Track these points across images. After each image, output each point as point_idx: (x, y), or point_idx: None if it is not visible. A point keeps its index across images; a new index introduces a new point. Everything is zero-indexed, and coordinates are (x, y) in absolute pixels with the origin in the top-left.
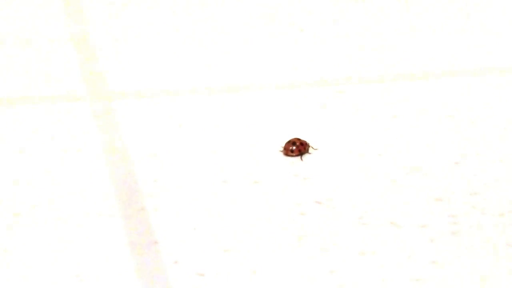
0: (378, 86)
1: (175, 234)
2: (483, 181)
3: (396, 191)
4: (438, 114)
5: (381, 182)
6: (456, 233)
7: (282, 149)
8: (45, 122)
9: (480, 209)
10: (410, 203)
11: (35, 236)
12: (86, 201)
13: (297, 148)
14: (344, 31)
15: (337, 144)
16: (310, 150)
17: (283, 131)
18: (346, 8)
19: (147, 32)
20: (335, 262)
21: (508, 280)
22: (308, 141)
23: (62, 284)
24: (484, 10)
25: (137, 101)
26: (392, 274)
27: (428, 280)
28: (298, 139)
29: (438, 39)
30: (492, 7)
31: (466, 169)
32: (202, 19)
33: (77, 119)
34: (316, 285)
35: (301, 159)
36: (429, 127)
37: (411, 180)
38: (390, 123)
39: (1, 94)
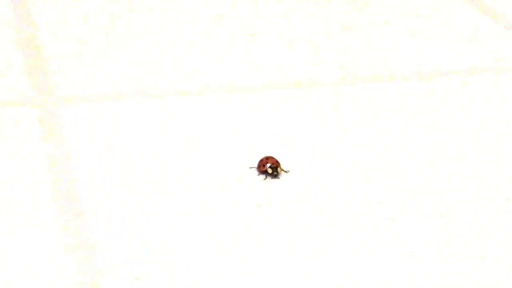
0: (327, 90)
1: (113, 239)
2: (424, 184)
3: (337, 194)
4: (385, 117)
5: (323, 185)
6: (396, 234)
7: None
8: None
9: (420, 211)
10: (351, 205)
11: None
12: (25, 205)
13: (257, 165)
14: (294, 35)
15: (283, 148)
16: (281, 174)
17: (229, 135)
18: (297, 12)
19: (94, 37)
20: (273, 263)
21: (449, 279)
22: (280, 164)
23: None
24: (438, 13)
25: (83, 106)
26: (331, 275)
27: (368, 280)
28: (267, 158)
29: (390, 43)
30: (447, 10)
31: (407, 172)
32: (151, 24)
33: (21, 124)
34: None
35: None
36: (376, 130)
37: (352, 183)
38: (337, 126)
39: None
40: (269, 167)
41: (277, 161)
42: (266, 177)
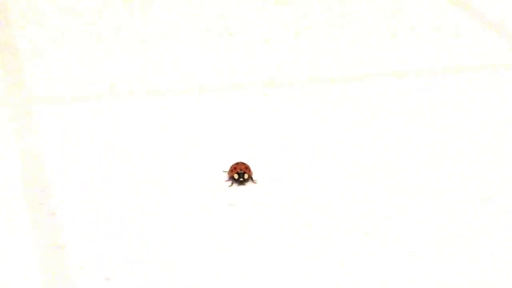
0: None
1: (83, 239)
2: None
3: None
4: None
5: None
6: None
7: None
8: None
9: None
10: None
11: None
12: None
13: (228, 170)
14: (272, 35)
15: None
16: (250, 181)
17: (206, 135)
18: (274, 12)
19: (69, 37)
20: (244, 260)
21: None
22: (251, 170)
23: None
24: (421, 12)
25: (57, 106)
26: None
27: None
28: (236, 164)
29: (365, 41)
30: (429, 9)
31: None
32: (128, 24)
33: None
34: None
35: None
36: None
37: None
38: (311, 125)
39: None
40: (236, 173)
41: (246, 168)
42: (232, 183)
